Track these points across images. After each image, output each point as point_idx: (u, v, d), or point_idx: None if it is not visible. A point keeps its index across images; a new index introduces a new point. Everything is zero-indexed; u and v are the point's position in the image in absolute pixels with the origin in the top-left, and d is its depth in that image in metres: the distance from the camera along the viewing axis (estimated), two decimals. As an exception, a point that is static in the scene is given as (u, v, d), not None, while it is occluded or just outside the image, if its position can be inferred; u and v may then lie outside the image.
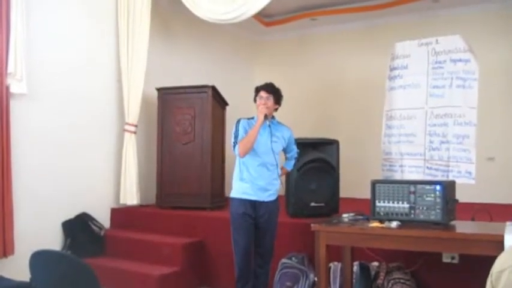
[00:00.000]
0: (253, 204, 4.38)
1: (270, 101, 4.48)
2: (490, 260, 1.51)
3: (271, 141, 4.44)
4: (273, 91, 4.53)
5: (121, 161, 6.45)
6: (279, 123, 4.63)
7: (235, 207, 4.42)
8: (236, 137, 4.41)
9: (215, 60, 8.37)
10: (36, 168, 5.54)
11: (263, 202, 4.41)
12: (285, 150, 4.67)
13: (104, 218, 6.30)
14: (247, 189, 4.39)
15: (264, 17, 8.61)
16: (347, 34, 8.58)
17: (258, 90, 4.56)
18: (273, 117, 4.59)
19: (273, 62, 9.28)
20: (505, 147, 7.17)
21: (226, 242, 4.54)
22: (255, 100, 4.56)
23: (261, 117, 4.35)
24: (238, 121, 4.50)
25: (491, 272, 1.38)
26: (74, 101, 5.98)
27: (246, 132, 4.38)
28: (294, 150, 4.73)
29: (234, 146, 4.40)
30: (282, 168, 4.67)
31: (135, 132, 6.44)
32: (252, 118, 4.51)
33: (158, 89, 6.53)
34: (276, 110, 4.60)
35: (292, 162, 4.79)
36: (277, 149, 4.48)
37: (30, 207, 5.42)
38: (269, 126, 4.46)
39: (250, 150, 4.33)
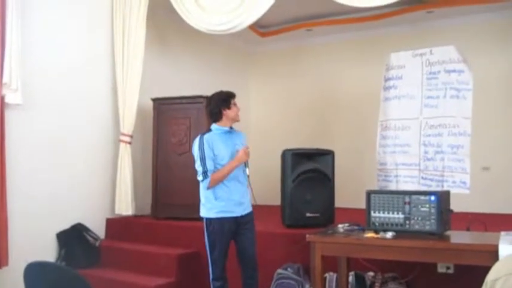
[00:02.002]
0: (233, 219, 4.33)
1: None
2: (485, 270, 1.52)
3: (237, 151, 4.39)
4: None
5: (116, 171, 6.44)
6: (235, 130, 4.57)
7: (218, 227, 4.31)
8: (204, 165, 4.25)
9: (210, 70, 8.38)
10: (31, 178, 5.53)
11: (240, 216, 4.37)
12: None
13: (99, 228, 6.28)
14: (224, 207, 4.30)
15: (259, 28, 8.63)
16: (342, 45, 8.61)
17: (230, 96, 4.44)
18: (231, 126, 4.53)
19: (268, 72, 9.30)
20: (500, 157, 7.19)
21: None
22: (225, 106, 4.39)
23: (244, 159, 4.31)
24: (201, 140, 4.33)
25: (486, 280, 1.39)
26: (68, 112, 5.98)
27: (212, 153, 4.28)
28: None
29: (204, 176, 4.26)
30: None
31: (130, 143, 6.44)
32: (210, 131, 4.42)
33: (153, 100, 6.53)
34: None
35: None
36: None
37: (25, 218, 5.39)
38: (233, 133, 4.42)
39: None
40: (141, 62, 6.43)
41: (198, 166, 4.32)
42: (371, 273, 4.55)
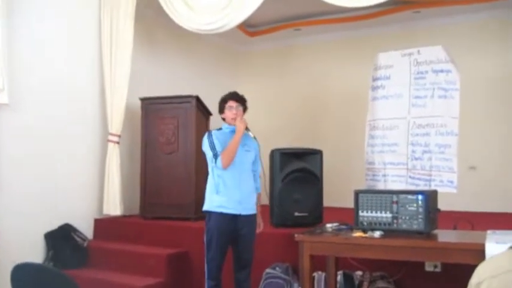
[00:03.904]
0: (232, 217, 4.34)
1: (240, 110, 4.47)
2: (472, 268, 1.53)
3: (245, 151, 4.42)
4: (241, 99, 4.51)
5: (104, 171, 6.41)
6: (249, 135, 4.60)
7: (214, 222, 4.34)
8: (213, 148, 4.32)
9: (199, 70, 8.38)
10: (18, 179, 5.50)
11: (241, 216, 4.37)
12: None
13: (87, 229, 6.25)
14: (224, 202, 4.31)
15: (247, 27, 8.63)
16: (331, 44, 8.64)
17: (225, 100, 4.50)
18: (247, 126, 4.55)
19: (257, 72, 9.31)
20: (487, 157, 7.24)
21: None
22: (221, 111, 4.52)
23: (242, 127, 4.32)
24: (210, 134, 4.42)
25: (470, 283, 1.40)
26: (56, 112, 5.95)
27: (221, 143, 4.33)
28: (259, 165, 4.59)
29: (216, 158, 4.30)
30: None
31: (118, 143, 6.41)
32: (221, 129, 4.49)
33: (142, 99, 6.51)
34: None
35: (259, 182, 4.62)
36: (251, 159, 4.46)
37: (12, 219, 5.36)
38: (245, 136, 4.43)
39: (233, 160, 4.30)
40: (129, 62, 6.40)
41: (209, 154, 4.37)
42: (359, 273, 4.57)
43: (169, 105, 6.44)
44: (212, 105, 6.64)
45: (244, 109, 4.53)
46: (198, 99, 6.34)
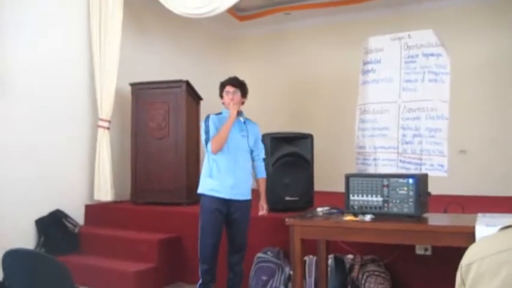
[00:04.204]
0: (225, 201, 4.36)
1: (237, 95, 4.46)
2: (462, 251, 1.54)
3: (242, 136, 4.43)
4: (239, 85, 4.52)
5: (95, 157, 6.39)
6: (247, 118, 4.62)
7: (207, 204, 4.37)
8: (207, 133, 4.35)
9: (189, 54, 8.34)
10: (8, 165, 5.47)
11: (234, 201, 4.39)
12: (252, 149, 4.59)
13: (78, 214, 6.25)
14: (217, 186, 4.34)
15: (237, 12, 8.59)
16: (321, 28, 8.61)
17: (223, 85, 4.54)
18: (241, 111, 4.57)
19: (247, 56, 9.28)
20: (477, 141, 7.27)
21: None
22: (221, 96, 4.53)
23: (234, 113, 4.33)
24: (207, 118, 4.44)
25: (460, 264, 1.41)
26: (46, 98, 5.91)
27: (216, 128, 4.35)
28: (262, 149, 4.63)
29: (206, 143, 4.34)
30: (257, 181, 4.65)
31: (108, 128, 6.39)
32: (220, 113, 4.49)
33: (132, 84, 6.48)
34: (242, 103, 4.59)
35: (262, 166, 4.65)
36: (248, 145, 4.47)
37: (3, 205, 5.34)
38: (239, 121, 4.44)
39: (223, 146, 4.31)
40: (118, 47, 6.36)
41: (203, 138, 4.40)
42: (350, 256, 4.60)
43: (160, 90, 6.42)
44: (202, 90, 6.65)
45: (244, 94, 4.54)
46: (188, 84, 6.32)
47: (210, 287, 4.53)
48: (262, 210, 4.62)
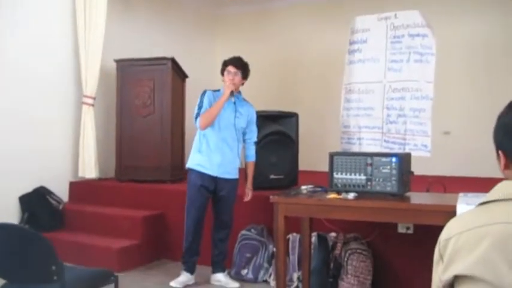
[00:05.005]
0: (211, 178, 4.40)
1: (238, 76, 4.47)
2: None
3: (235, 117, 4.44)
4: (242, 66, 4.53)
5: (79, 134, 6.35)
6: (244, 99, 4.63)
7: (193, 179, 4.44)
8: (200, 108, 4.39)
9: (175, 32, 8.27)
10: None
11: (221, 178, 4.42)
12: (244, 132, 4.63)
13: (62, 191, 6.23)
14: (204, 162, 4.39)
15: (224, -11, 8.53)
16: (308, 8, 8.56)
17: (226, 64, 4.54)
18: (239, 92, 4.59)
19: (233, 35, 9.22)
20: (461, 122, 7.31)
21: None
22: (222, 73, 4.54)
23: (228, 92, 4.34)
24: (204, 93, 4.48)
25: (439, 240, 1.43)
26: (29, 73, 5.85)
27: (210, 104, 4.37)
28: (254, 132, 4.67)
29: (196, 118, 4.37)
30: (246, 164, 4.67)
31: (93, 105, 6.34)
32: (218, 90, 4.51)
33: (117, 61, 6.43)
34: (242, 84, 4.60)
35: (253, 149, 4.70)
36: (239, 125, 4.49)
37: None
38: (234, 102, 4.45)
39: (211, 123, 4.33)
40: (103, 23, 6.29)
41: (195, 112, 4.44)
42: (333, 234, 4.65)
43: (145, 67, 6.39)
44: (188, 68, 6.62)
45: (245, 76, 4.54)
46: (174, 61, 6.29)
47: (193, 261, 4.59)
48: (247, 196, 4.64)
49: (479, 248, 1.29)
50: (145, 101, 6.29)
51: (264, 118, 5.42)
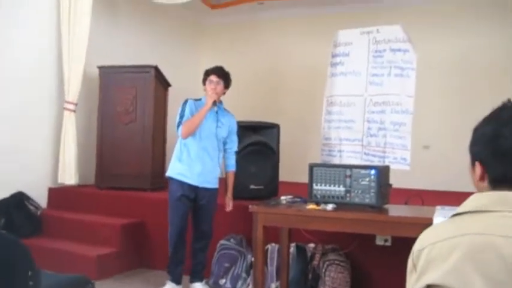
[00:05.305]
0: (192, 187, 4.40)
1: (220, 86, 4.49)
2: (420, 242, 1.59)
3: (216, 127, 4.45)
4: (224, 75, 4.54)
5: (59, 140, 6.31)
6: (225, 109, 4.65)
7: (174, 188, 4.44)
8: (182, 117, 4.39)
9: (159, 40, 8.27)
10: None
11: (201, 188, 4.43)
12: (225, 141, 4.63)
13: (41, 197, 6.17)
14: (185, 171, 4.40)
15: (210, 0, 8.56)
16: (292, 20, 8.63)
17: (208, 73, 4.54)
18: (220, 102, 4.61)
19: (218, 45, 9.25)
20: (441, 137, 7.39)
21: (166, 223, 4.57)
22: (204, 83, 4.54)
23: (210, 102, 4.35)
24: (186, 101, 4.48)
25: (412, 250, 1.45)
26: (10, 78, 5.82)
27: (192, 113, 4.38)
28: (235, 142, 4.68)
29: (178, 126, 4.38)
30: (226, 174, 4.68)
31: (74, 111, 6.31)
32: (200, 99, 4.51)
33: (100, 67, 6.41)
34: (224, 93, 4.61)
35: (233, 159, 4.70)
36: (220, 135, 4.50)
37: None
38: (216, 112, 4.46)
39: (193, 132, 4.34)
40: (87, 30, 6.26)
41: (176, 121, 4.43)
42: (312, 245, 4.67)
43: (128, 74, 6.38)
44: (173, 77, 6.63)
45: (227, 85, 4.56)
46: (157, 69, 6.29)
47: (179, 271, 4.57)
48: (228, 207, 4.65)
49: (451, 258, 1.31)
50: (128, 108, 6.28)
51: (246, 128, 5.44)
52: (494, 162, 1.42)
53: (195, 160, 4.41)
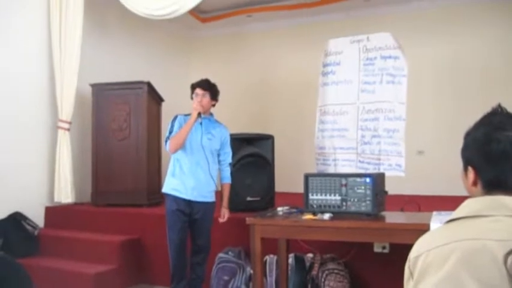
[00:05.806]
0: (186, 202, 4.40)
1: (206, 98, 4.49)
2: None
3: (206, 139, 4.46)
4: (209, 87, 4.55)
5: (55, 159, 6.31)
6: (216, 121, 4.65)
7: (169, 203, 4.44)
8: (170, 132, 4.42)
9: (151, 55, 8.30)
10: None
11: (196, 202, 4.43)
12: (219, 153, 4.64)
13: (38, 217, 6.16)
14: (179, 186, 4.40)
15: (199, 13, 8.60)
16: (282, 31, 8.67)
17: (193, 87, 4.57)
18: (211, 114, 4.61)
19: (209, 58, 9.27)
20: (434, 142, 7.41)
21: (164, 239, 4.55)
22: (192, 97, 4.56)
23: (194, 114, 4.35)
24: (175, 117, 4.51)
25: (408, 257, 1.46)
26: (3, 98, 5.82)
27: (180, 128, 4.39)
28: (228, 154, 4.66)
29: (166, 141, 4.41)
30: (221, 186, 4.68)
31: (68, 129, 6.32)
32: (189, 114, 4.52)
33: (92, 85, 6.42)
34: (213, 105, 4.62)
35: (228, 171, 4.68)
36: (210, 148, 4.49)
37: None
38: (201, 123, 4.46)
39: (181, 146, 4.34)
40: (79, 47, 6.30)
41: (165, 137, 4.46)
42: (310, 255, 4.66)
43: (121, 91, 6.39)
44: (164, 92, 6.64)
45: (214, 97, 4.57)
46: (149, 85, 6.31)
47: (182, 286, 4.55)
48: (223, 218, 4.64)
49: (447, 264, 1.32)
50: (121, 125, 6.28)
51: (240, 140, 5.45)
52: (486, 166, 1.44)
53: (188, 174, 4.41)
